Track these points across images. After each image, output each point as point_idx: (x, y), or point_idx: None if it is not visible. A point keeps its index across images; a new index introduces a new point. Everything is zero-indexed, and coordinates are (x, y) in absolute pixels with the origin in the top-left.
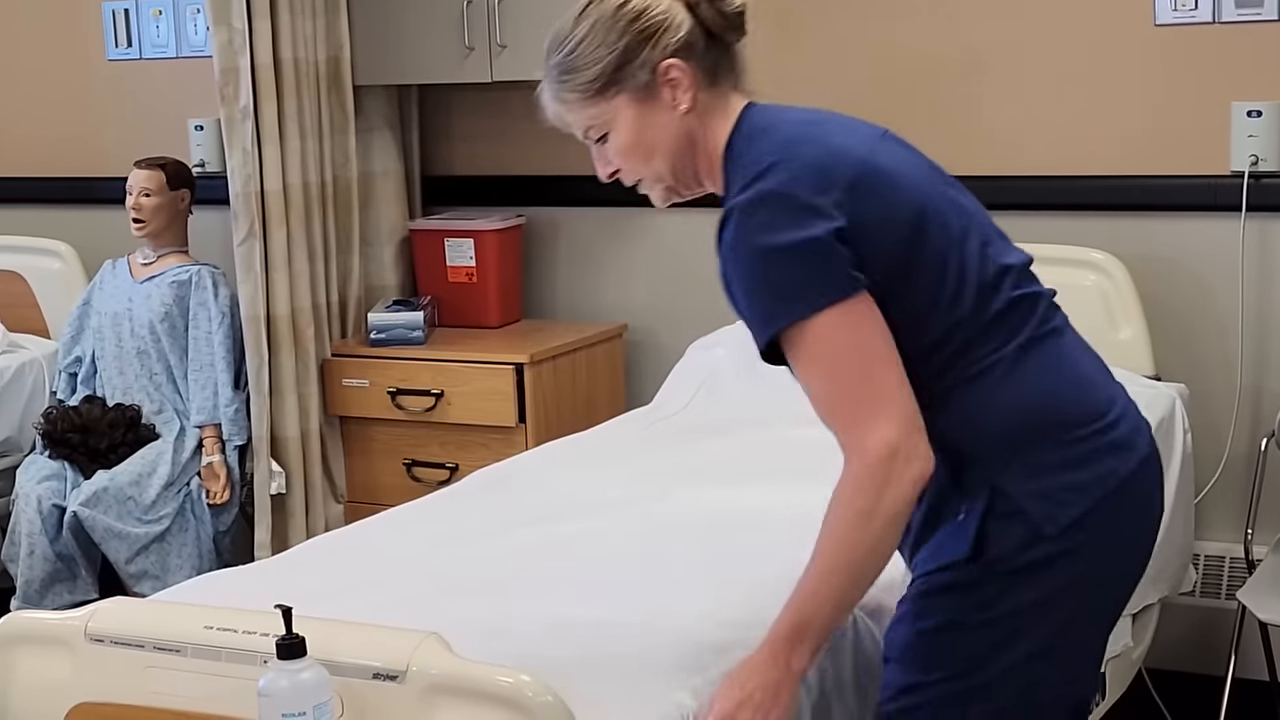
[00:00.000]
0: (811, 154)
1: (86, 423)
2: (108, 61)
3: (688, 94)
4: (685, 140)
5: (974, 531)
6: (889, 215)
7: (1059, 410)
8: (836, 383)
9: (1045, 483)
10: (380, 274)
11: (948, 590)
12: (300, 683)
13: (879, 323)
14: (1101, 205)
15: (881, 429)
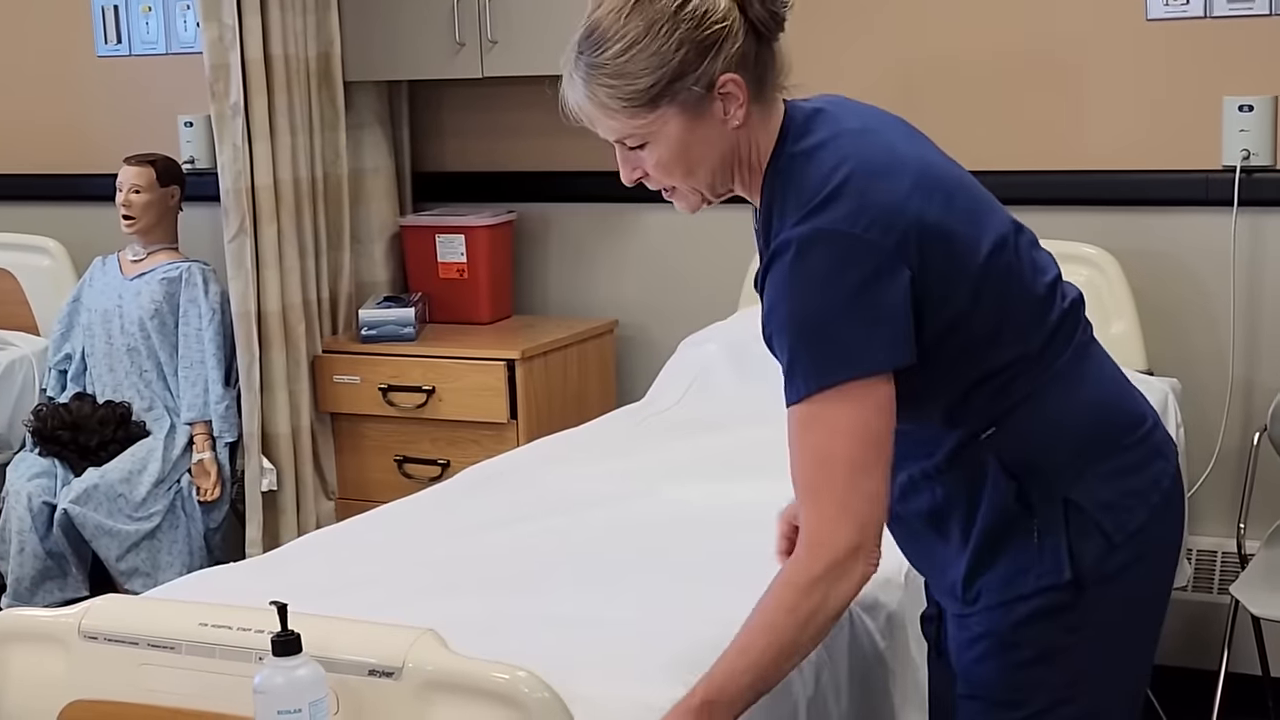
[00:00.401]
0: (878, 183)
1: (77, 420)
2: (97, 58)
3: (742, 109)
4: (731, 154)
5: (1065, 552)
6: (951, 256)
7: (1116, 416)
8: (840, 465)
9: (1111, 491)
10: (371, 270)
11: (1044, 616)
12: (296, 679)
13: (893, 416)
14: (1094, 200)
15: (853, 529)
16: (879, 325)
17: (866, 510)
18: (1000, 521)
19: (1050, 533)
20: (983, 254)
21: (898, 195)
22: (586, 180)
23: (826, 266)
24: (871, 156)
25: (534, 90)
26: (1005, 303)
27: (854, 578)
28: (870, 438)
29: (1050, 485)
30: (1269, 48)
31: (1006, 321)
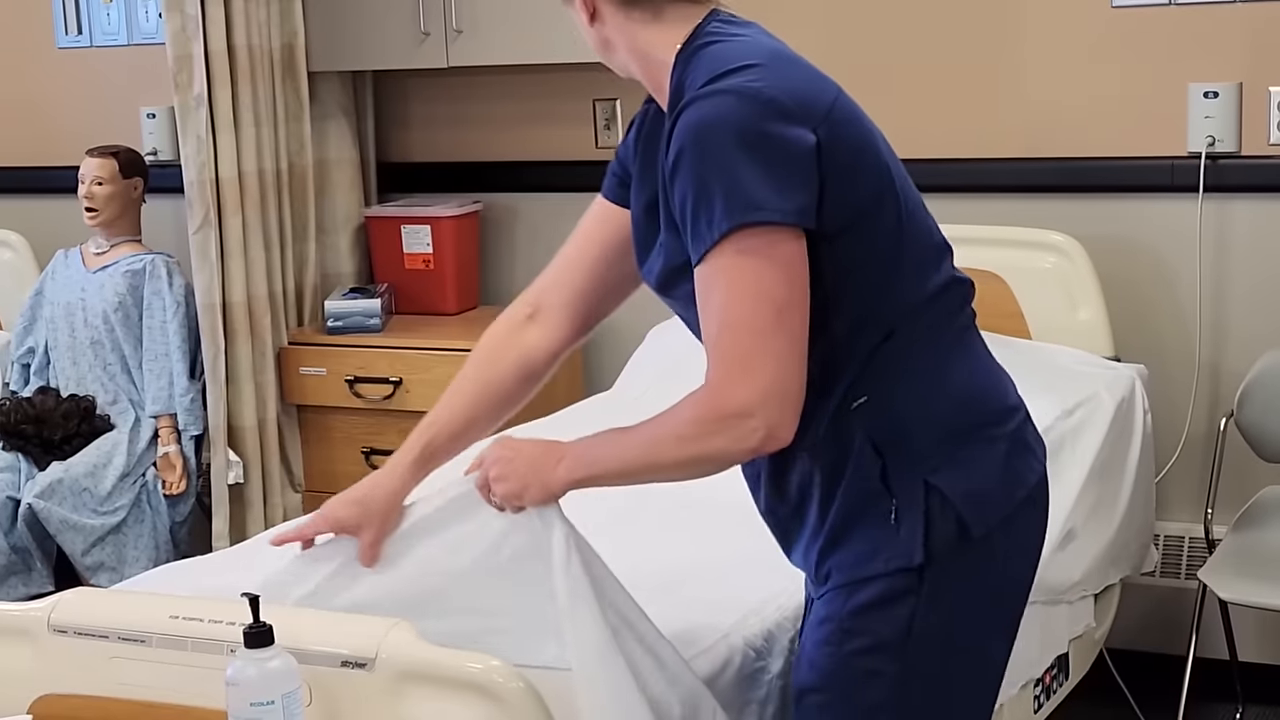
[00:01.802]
0: (792, 69)
1: (40, 414)
2: (58, 49)
3: (583, 13)
4: (602, 44)
5: (921, 535)
6: (859, 159)
7: (988, 405)
8: (744, 326)
9: (974, 480)
10: (336, 261)
11: (887, 602)
12: (269, 671)
13: (804, 279)
14: (1060, 187)
15: (752, 389)
16: (782, 176)
17: (771, 371)
18: (860, 499)
19: (908, 515)
20: (888, 168)
21: (812, 79)
22: (552, 170)
23: (732, 117)
24: (786, 55)
25: (500, 80)
26: (901, 226)
27: (743, 439)
28: (776, 298)
29: (914, 466)
30: (1234, 34)
31: (901, 250)
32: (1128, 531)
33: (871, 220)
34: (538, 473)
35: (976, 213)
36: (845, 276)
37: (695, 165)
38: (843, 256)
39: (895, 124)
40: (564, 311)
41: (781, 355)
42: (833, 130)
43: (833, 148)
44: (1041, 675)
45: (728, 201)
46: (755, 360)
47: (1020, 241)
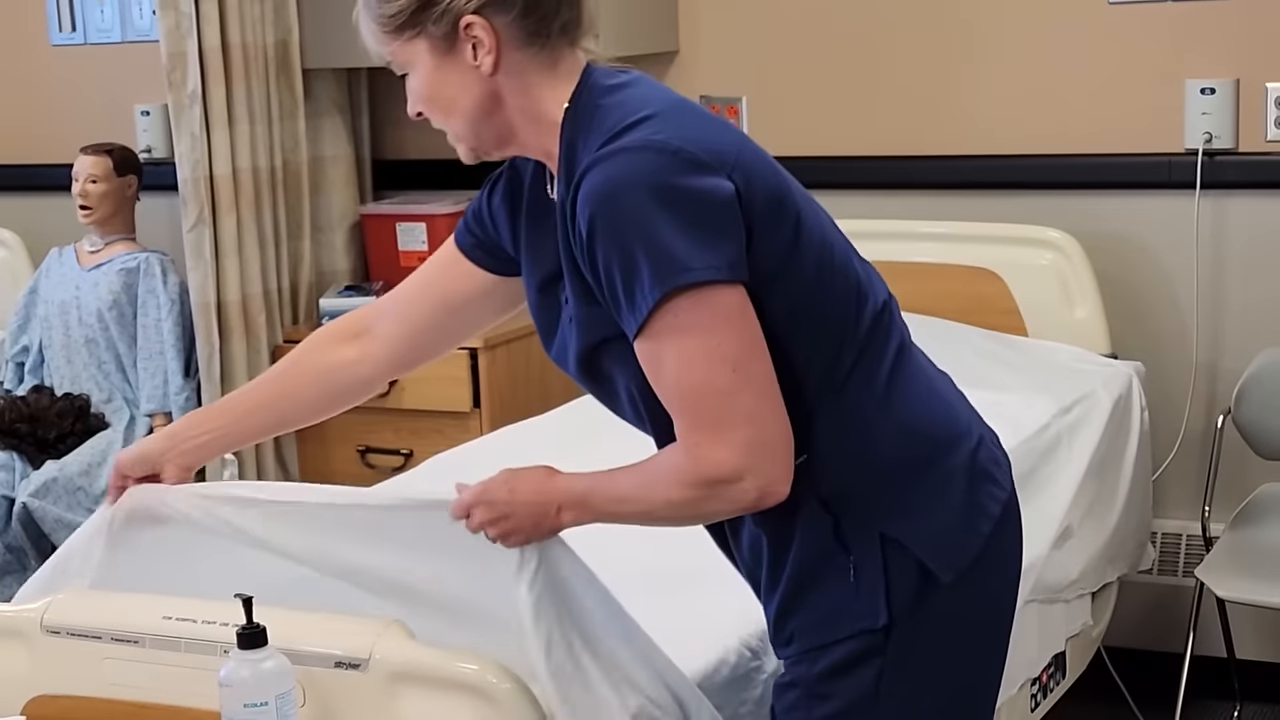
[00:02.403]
0: (693, 118)
1: (35, 412)
2: (51, 46)
3: (489, 56)
4: (490, 101)
5: (883, 593)
6: (775, 204)
7: (936, 434)
8: (706, 393)
9: (933, 523)
10: (331, 259)
11: (855, 663)
12: (262, 672)
13: (754, 326)
14: (1057, 184)
15: (731, 452)
16: (706, 230)
17: (744, 430)
18: (814, 560)
19: (866, 572)
20: (800, 208)
21: (714, 125)
22: None
23: (641, 175)
24: (683, 103)
25: None
26: (822, 267)
27: (737, 500)
28: (729, 355)
29: (867, 519)
30: (1230, 31)
31: (826, 293)
32: (1125, 529)
33: (795, 266)
34: (541, 523)
35: (973, 209)
36: (774, 330)
37: (612, 234)
38: (770, 309)
39: (891, 121)
40: (391, 344)
41: (751, 411)
42: (746, 175)
43: (750, 193)
44: (1039, 674)
45: (655, 268)
46: (725, 422)
47: (1017, 238)
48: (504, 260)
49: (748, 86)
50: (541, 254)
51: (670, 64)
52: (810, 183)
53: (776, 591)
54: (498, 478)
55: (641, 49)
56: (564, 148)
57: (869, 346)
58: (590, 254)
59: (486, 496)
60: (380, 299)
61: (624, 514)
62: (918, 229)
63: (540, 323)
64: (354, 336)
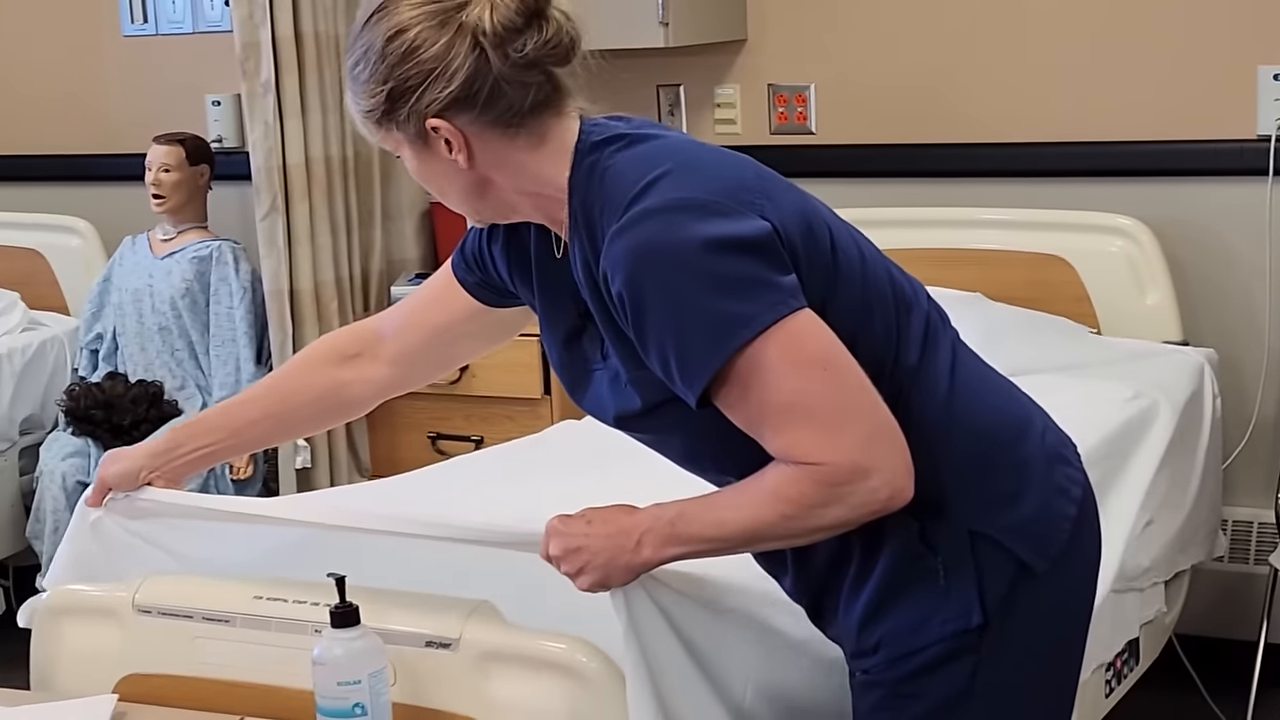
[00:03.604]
0: (708, 162)
1: (109, 399)
2: (123, 38)
3: (461, 153)
4: (479, 186)
5: (976, 591)
6: (807, 227)
7: (1005, 422)
8: (799, 388)
9: (1022, 511)
10: (402, 247)
11: (946, 663)
12: (355, 650)
13: (829, 330)
14: (1128, 171)
15: (852, 446)
16: (750, 276)
17: (861, 427)
18: (901, 565)
19: (957, 572)
20: (829, 224)
21: (726, 162)
22: None
23: (672, 241)
24: (692, 148)
25: None
26: (865, 282)
27: (866, 503)
28: (815, 357)
29: (951, 519)
30: None
31: (872, 307)
32: (1197, 517)
33: (840, 285)
34: (618, 557)
35: (1043, 197)
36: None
37: (657, 311)
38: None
39: (960, 107)
40: (388, 369)
41: (855, 404)
42: (776, 205)
43: (784, 223)
44: (1112, 659)
45: (711, 331)
46: (834, 421)
47: (1087, 225)
48: (503, 294)
49: (816, 74)
50: (560, 313)
51: (739, 52)
52: (879, 171)
53: (858, 603)
54: (578, 512)
55: (710, 38)
56: (576, 215)
57: (925, 352)
58: (638, 326)
59: (562, 528)
60: (377, 320)
61: (721, 539)
62: (987, 216)
63: (567, 379)
64: (351, 357)
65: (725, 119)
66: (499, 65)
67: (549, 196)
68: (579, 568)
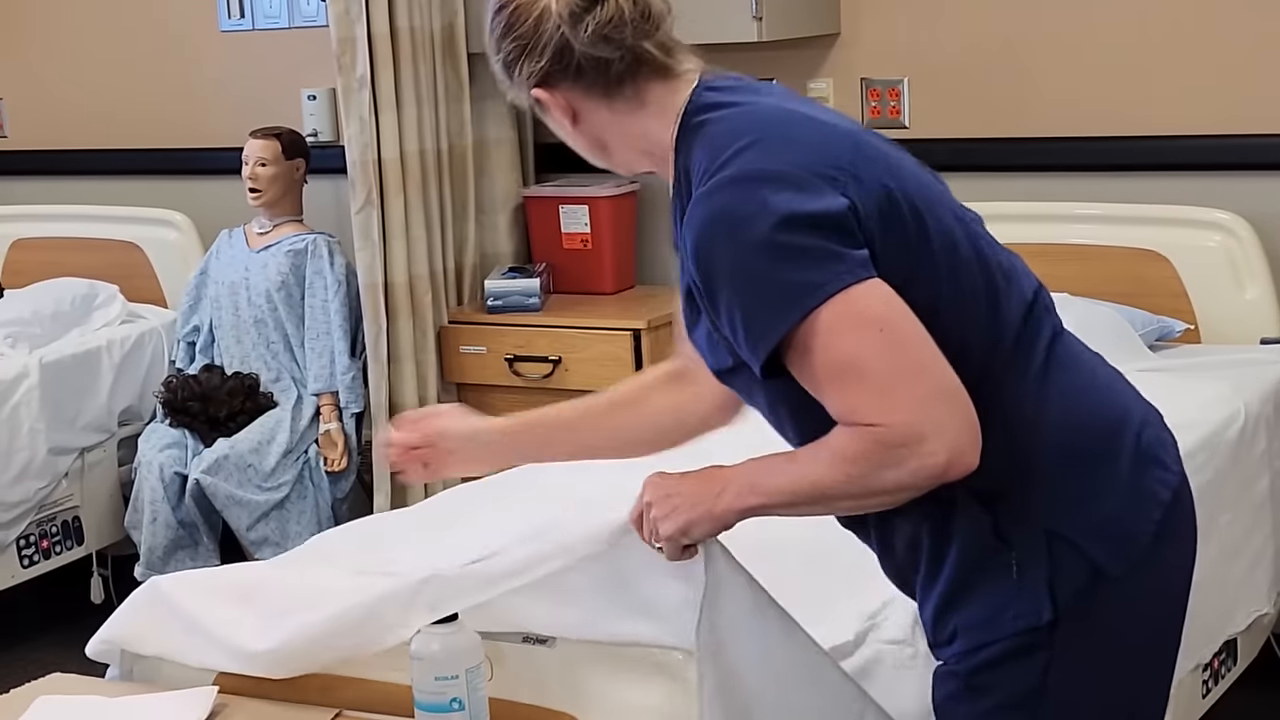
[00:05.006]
0: (798, 134)
1: (206, 391)
2: (220, 33)
3: (566, 117)
4: (597, 145)
5: (1046, 589)
6: (888, 201)
7: (1095, 421)
8: (856, 350)
9: (1099, 515)
10: (495, 241)
11: (1018, 658)
12: (452, 646)
13: (899, 301)
14: (1227, 165)
15: (908, 409)
16: (821, 250)
17: (916, 384)
18: (975, 557)
19: (1030, 568)
20: (930, 205)
21: (821, 137)
22: None
23: (749, 206)
24: (787, 118)
25: None
26: (960, 265)
27: (921, 469)
28: (874, 319)
29: (1027, 515)
30: None
31: (963, 291)
32: None
33: (924, 268)
34: (701, 505)
35: (1140, 192)
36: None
37: (725, 279)
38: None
39: (1053, 101)
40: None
41: (915, 364)
42: (859, 183)
43: (865, 201)
44: (1210, 660)
45: (778, 304)
46: (889, 383)
47: (1184, 220)
48: None
49: (909, 68)
50: (680, 265)
51: (832, 46)
52: (973, 165)
53: (934, 589)
54: (654, 474)
55: (803, 31)
56: (679, 175)
57: (1020, 342)
58: (710, 293)
59: (658, 478)
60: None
61: (793, 493)
62: (1082, 211)
63: (684, 328)
64: (683, 380)
65: None
66: (575, 42)
67: (660, 156)
68: (667, 511)
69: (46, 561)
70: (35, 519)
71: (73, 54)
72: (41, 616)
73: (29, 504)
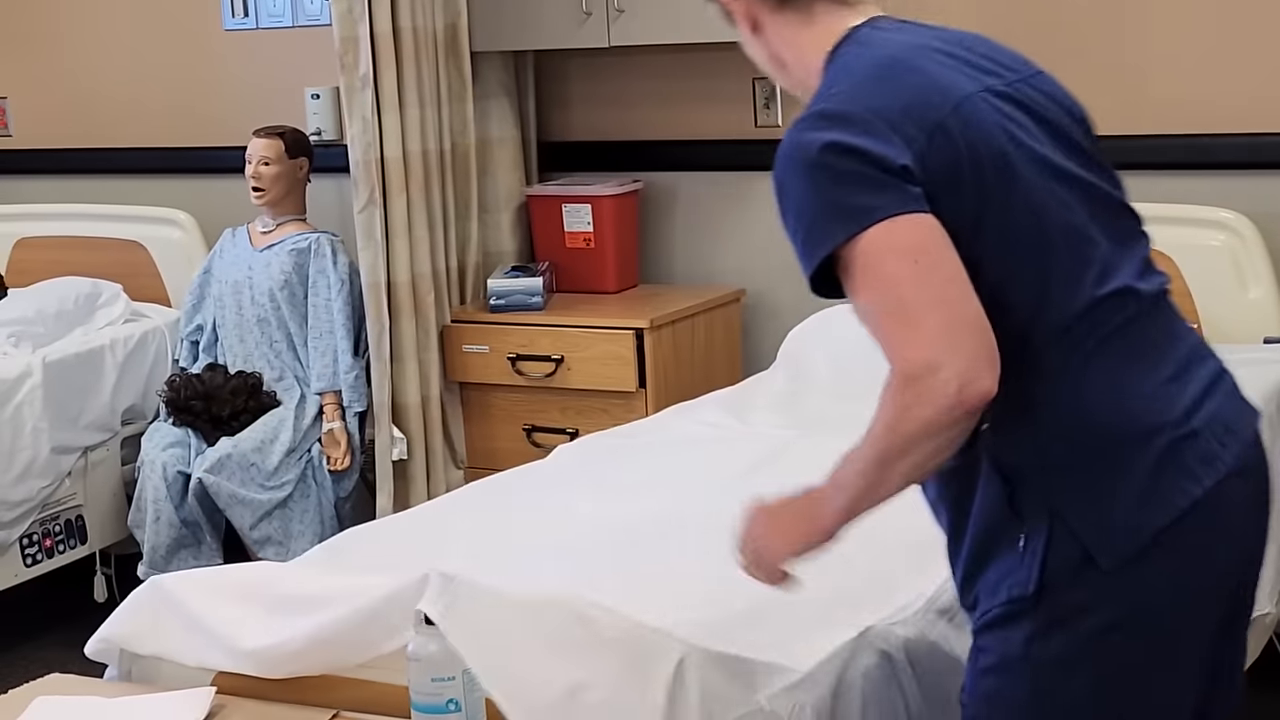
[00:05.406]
0: (887, 84)
1: (209, 390)
2: (224, 31)
3: (744, 22)
4: (775, 60)
5: (1039, 564)
6: (957, 170)
7: (1133, 421)
8: (890, 277)
9: (1104, 506)
10: (498, 240)
11: (1004, 623)
12: (449, 647)
13: (942, 234)
14: (1230, 164)
15: (922, 338)
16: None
17: (934, 313)
18: (992, 525)
19: (1032, 543)
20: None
21: (916, 93)
22: (712, 149)
23: (812, 136)
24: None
25: (660, 59)
26: (1013, 249)
27: (938, 397)
28: (909, 247)
29: (1041, 493)
30: None
31: (1016, 271)
32: None
33: (976, 244)
34: (802, 523)
35: (1142, 190)
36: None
37: (786, 204)
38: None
39: None
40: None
41: (938, 296)
42: (934, 139)
43: (930, 160)
44: None
45: (823, 225)
46: (914, 313)
47: (1187, 219)
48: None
49: None
50: None
51: None
52: None
53: (961, 556)
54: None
55: None
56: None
57: (1071, 331)
58: (783, 218)
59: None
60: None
61: (866, 472)
62: None
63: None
64: None
65: None
66: None
67: (815, 78)
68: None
69: (50, 560)
70: (38, 518)
71: (76, 53)
72: (45, 615)
73: (32, 503)
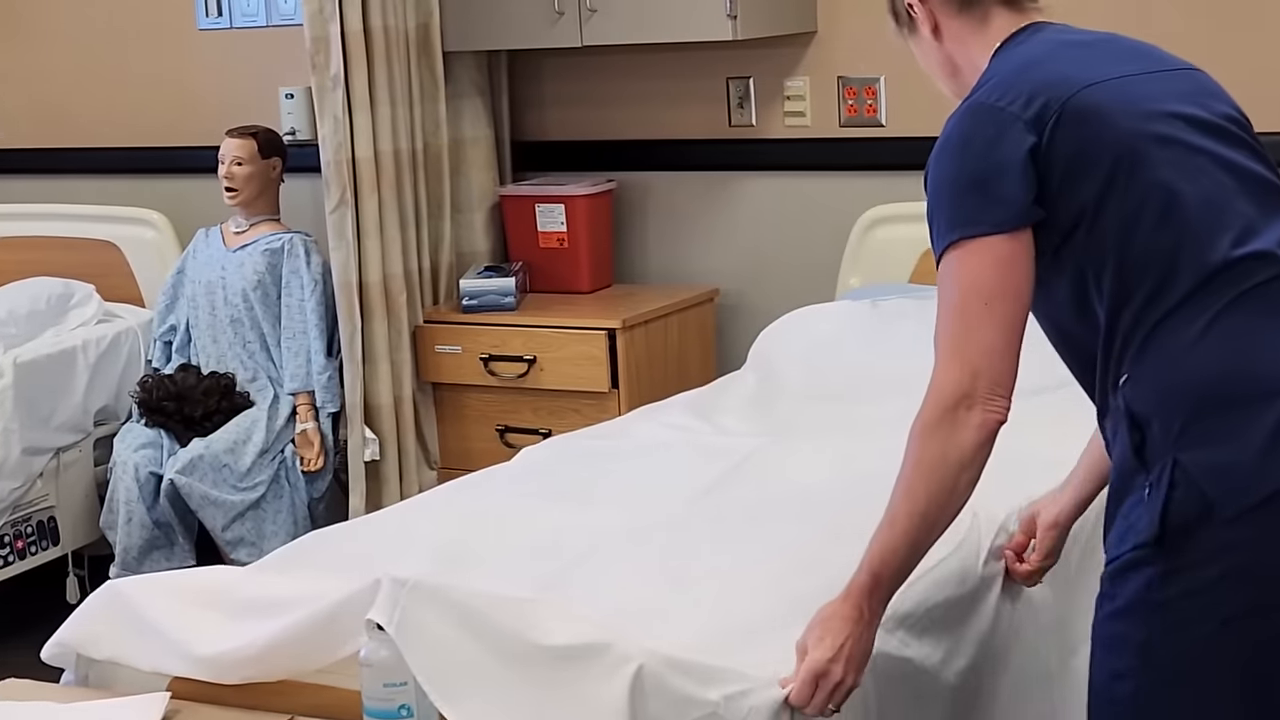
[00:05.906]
0: (1030, 72)
1: (181, 391)
2: (198, 31)
3: (926, 24)
4: (948, 65)
5: (1159, 510)
6: (1085, 151)
7: (1261, 374)
8: (954, 314)
9: (1225, 456)
10: (471, 240)
11: (1133, 569)
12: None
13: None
14: None
15: (962, 370)
16: (994, 189)
17: (978, 359)
18: (1124, 474)
19: (1155, 491)
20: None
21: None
22: (686, 149)
23: (959, 135)
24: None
25: (633, 59)
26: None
27: (967, 428)
28: (982, 289)
29: (1166, 442)
30: None
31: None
32: None
33: (1104, 214)
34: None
35: None
36: (1091, 264)
37: (929, 189)
38: (1085, 246)
39: None
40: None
41: (989, 346)
42: (1063, 127)
43: (1056, 145)
44: None
45: (945, 223)
46: (962, 345)
47: None
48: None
49: (886, 66)
50: None
51: (809, 44)
52: None
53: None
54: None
55: (779, 30)
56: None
57: (1206, 286)
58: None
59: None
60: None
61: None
62: None
63: None
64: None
65: (795, 111)
66: None
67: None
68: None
69: (22, 562)
70: (10, 519)
71: (49, 53)
72: (14, 619)
73: (3, 504)
